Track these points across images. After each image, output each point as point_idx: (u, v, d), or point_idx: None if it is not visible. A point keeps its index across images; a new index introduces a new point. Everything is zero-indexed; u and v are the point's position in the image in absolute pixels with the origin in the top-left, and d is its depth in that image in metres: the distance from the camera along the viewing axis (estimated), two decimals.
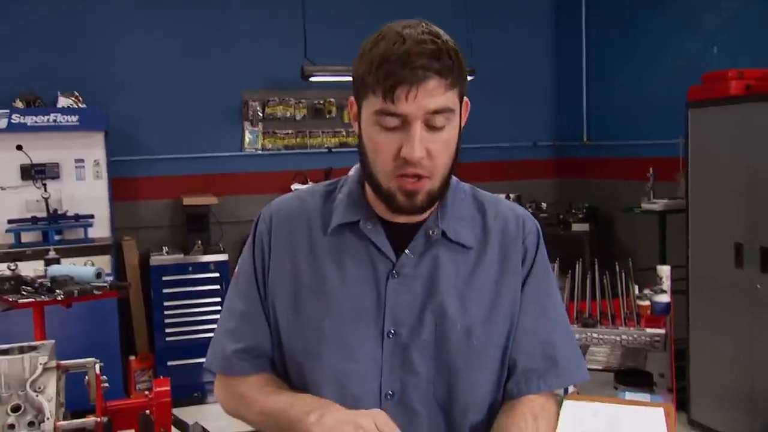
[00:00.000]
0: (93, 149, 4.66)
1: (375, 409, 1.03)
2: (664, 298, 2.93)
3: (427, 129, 1.06)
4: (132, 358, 4.68)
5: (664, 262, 3.82)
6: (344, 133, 5.60)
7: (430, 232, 1.16)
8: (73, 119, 4.51)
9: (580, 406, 1.61)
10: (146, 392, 2.39)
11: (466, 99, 1.13)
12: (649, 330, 2.63)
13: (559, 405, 1.63)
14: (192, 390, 4.67)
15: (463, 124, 1.14)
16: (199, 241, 4.85)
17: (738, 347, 3.72)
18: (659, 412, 1.53)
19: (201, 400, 4.71)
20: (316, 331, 1.14)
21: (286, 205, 1.24)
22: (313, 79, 4.97)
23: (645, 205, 4.59)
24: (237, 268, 1.27)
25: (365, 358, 1.13)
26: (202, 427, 2.68)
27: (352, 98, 1.15)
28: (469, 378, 1.15)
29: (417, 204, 1.10)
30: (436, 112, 1.05)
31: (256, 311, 1.20)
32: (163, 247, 4.94)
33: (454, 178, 1.23)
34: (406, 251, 1.15)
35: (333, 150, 5.55)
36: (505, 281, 1.19)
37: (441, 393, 1.14)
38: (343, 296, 1.15)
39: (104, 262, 4.28)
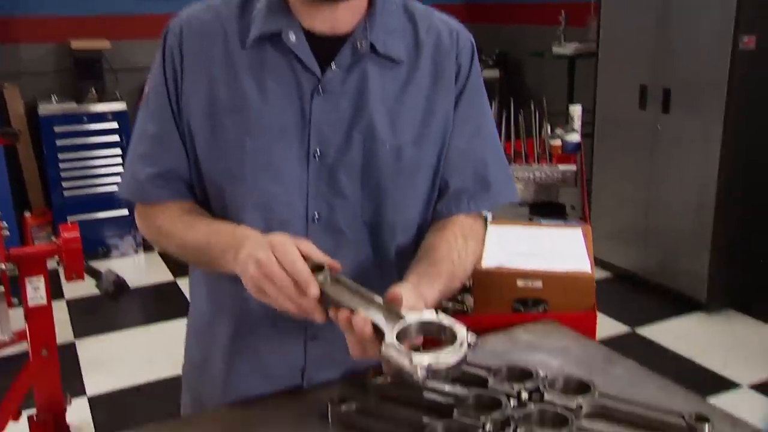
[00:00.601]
0: None
1: (277, 236, 0.95)
2: (575, 137, 3.01)
3: None
4: (27, 214, 4.46)
5: None
6: None
7: (358, 44, 1.08)
8: None
9: (503, 230, 1.64)
10: (53, 238, 2.27)
11: None
12: (561, 167, 2.71)
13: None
14: (96, 245, 4.54)
15: None
16: (93, 90, 4.54)
17: (637, 187, 3.93)
18: (577, 232, 1.59)
19: (106, 255, 4.60)
20: (236, 152, 1.08)
21: (198, 16, 1.12)
22: None
23: (556, 49, 4.61)
24: (146, 89, 1.16)
25: (290, 180, 1.08)
26: (116, 275, 2.60)
27: None
28: (398, 199, 1.12)
29: None
30: None
31: (169, 132, 1.11)
32: (52, 96, 4.59)
33: None
34: (332, 65, 1.08)
35: None
36: (438, 99, 1.14)
37: (369, 215, 1.11)
38: (265, 114, 1.07)
39: None
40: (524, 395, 1.06)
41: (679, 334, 3.49)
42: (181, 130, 1.11)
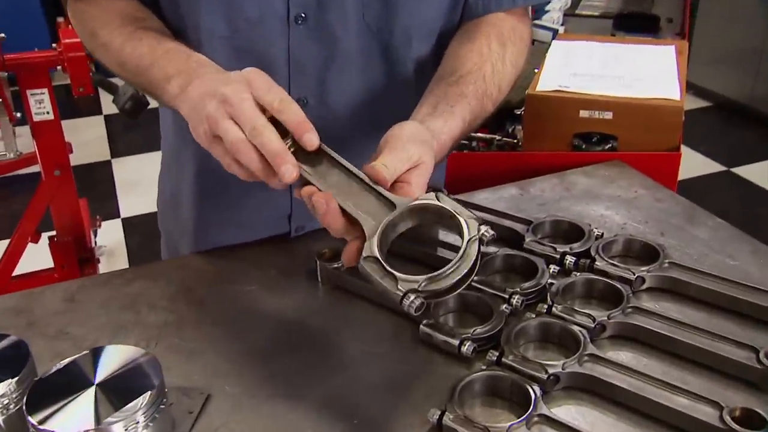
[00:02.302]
0: None
1: (248, 70, 0.70)
2: None
3: None
4: (60, 19, 4.29)
5: None
6: None
7: None
8: None
9: (571, 46, 1.36)
10: (53, 45, 2.11)
11: None
12: None
13: (546, 51, 1.39)
14: None
15: None
16: None
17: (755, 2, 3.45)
18: (669, 50, 1.30)
19: None
20: None
21: None
22: None
23: None
24: None
25: None
26: (135, 90, 2.44)
27: None
28: None
29: None
30: None
31: None
32: None
33: None
34: None
35: None
36: None
37: (374, 14, 0.87)
38: None
39: None
40: (569, 260, 0.86)
41: None
42: None
